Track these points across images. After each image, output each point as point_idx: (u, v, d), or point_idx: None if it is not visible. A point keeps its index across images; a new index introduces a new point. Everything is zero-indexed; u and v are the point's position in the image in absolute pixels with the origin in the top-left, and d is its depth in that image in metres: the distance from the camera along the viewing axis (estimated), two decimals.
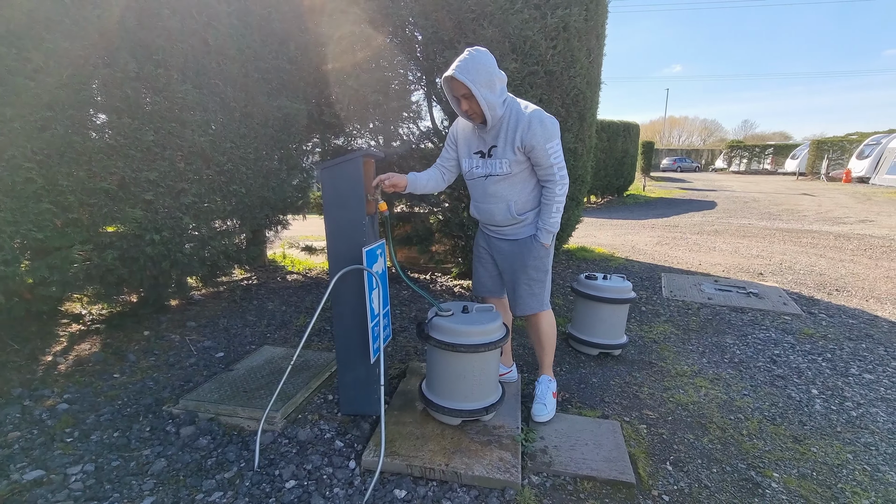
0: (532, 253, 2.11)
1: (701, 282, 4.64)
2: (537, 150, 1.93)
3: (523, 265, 2.13)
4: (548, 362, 2.29)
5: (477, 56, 1.84)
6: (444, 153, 2.23)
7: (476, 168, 2.09)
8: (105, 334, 2.79)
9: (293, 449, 1.87)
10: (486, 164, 2.05)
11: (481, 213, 2.18)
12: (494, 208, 2.09)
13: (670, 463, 1.92)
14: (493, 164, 2.03)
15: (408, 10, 3.47)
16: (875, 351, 3.08)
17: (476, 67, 1.82)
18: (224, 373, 2.37)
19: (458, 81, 1.83)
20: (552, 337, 2.27)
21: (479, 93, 1.82)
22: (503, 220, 2.10)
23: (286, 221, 4.01)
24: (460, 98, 1.90)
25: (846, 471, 1.90)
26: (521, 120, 1.91)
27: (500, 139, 1.97)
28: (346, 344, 2.06)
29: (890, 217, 9.88)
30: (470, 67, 1.82)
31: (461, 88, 1.85)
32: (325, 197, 1.95)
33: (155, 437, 1.92)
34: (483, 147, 2.04)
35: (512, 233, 2.15)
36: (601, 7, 3.71)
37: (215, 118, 2.77)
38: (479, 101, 1.83)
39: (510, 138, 1.94)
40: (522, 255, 2.14)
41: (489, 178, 2.05)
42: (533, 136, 1.89)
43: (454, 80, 1.85)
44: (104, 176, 2.24)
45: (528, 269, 2.12)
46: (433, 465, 1.77)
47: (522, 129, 1.90)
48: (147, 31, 2.35)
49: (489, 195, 2.08)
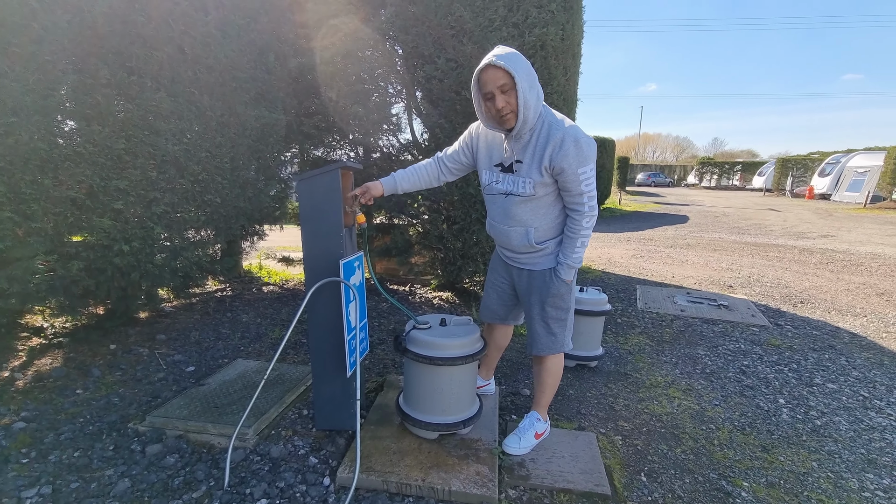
0: (551, 289, 1.87)
1: (674, 294, 4.76)
2: (567, 173, 1.69)
3: (541, 301, 1.91)
4: (544, 402, 2.07)
5: (517, 52, 1.65)
6: (454, 152, 1.99)
7: (496, 183, 1.86)
8: (68, 348, 2.67)
9: (265, 466, 1.82)
10: (508, 181, 1.81)
11: (497, 234, 1.95)
12: (512, 232, 1.87)
13: (644, 474, 1.94)
14: (515, 182, 1.79)
15: (388, 24, 3.51)
16: (837, 361, 3.20)
17: (517, 59, 1.62)
18: (194, 387, 2.29)
19: (500, 70, 1.58)
20: (556, 378, 2.05)
21: (521, 82, 1.59)
22: (519, 246, 1.88)
23: (262, 232, 3.94)
24: (496, 93, 1.63)
25: (812, 479, 1.96)
26: (554, 136, 1.67)
27: (528, 154, 1.73)
28: (322, 357, 2.02)
29: (849, 232, 10.35)
30: (511, 57, 1.61)
31: (501, 78, 1.60)
32: (301, 209, 1.93)
33: (119, 456, 1.84)
34: (505, 160, 1.81)
35: (528, 262, 1.92)
36: (577, 27, 3.82)
37: (190, 127, 2.72)
38: (518, 93, 1.60)
39: (538, 155, 1.71)
40: (540, 290, 1.90)
41: (510, 197, 1.82)
42: (565, 156, 1.66)
43: (492, 70, 1.60)
44: (71, 184, 2.16)
45: (545, 305, 1.90)
46: (409, 481, 1.74)
47: (554, 146, 1.67)
48: (120, 38, 2.30)
49: (508, 217, 1.85)
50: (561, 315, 1.92)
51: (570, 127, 1.68)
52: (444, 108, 3.49)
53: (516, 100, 1.62)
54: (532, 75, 1.65)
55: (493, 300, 2.15)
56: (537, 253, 1.88)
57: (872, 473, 2.01)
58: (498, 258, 2.10)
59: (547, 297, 1.89)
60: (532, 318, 1.96)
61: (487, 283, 2.18)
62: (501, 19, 3.22)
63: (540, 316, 1.93)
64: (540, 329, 1.94)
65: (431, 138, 3.76)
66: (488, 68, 1.61)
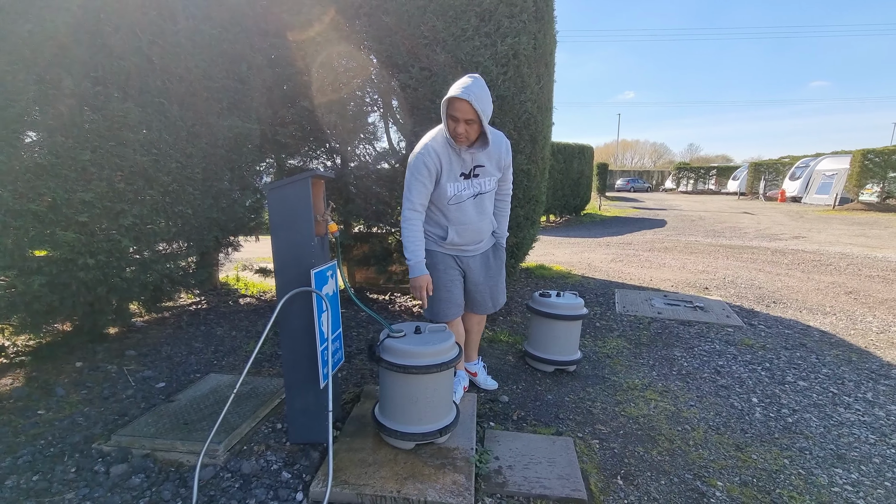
0: (501, 256, 2.43)
1: (652, 297, 4.83)
2: (509, 168, 2.25)
3: (500, 270, 2.43)
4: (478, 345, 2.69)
5: (481, 83, 1.94)
6: (422, 191, 2.09)
7: (463, 191, 2.15)
8: (31, 367, 2.57)
9: (236, 483, 1.77)
10: (474, 184, 2.15)
11: (467, 234, 2.23)
12: (483, 226, 2.25)
13: (621, 477, 1.95)
14: (481, 183, 2.15)
15: (363, 33, 3.52)
16: (808, 359, 3.28)
17: (484, 97, 1.92)
18: (164, 404, 2.23)
19: (469, 106, 1.88)
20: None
21: (484, 120, 1.94)
22: (486, 234, 2.30)
23: (237, 243, 3.88)
24: (460, 121, 1.94)
25: (783, 476, 1.99)
26: (501, 142, 2.15)
27: (485, 159, 2.12)
28: (295, 369, 1.99)
29: (819, 233, 10.69)
30: (481, 96, 1.90)
31: (468, 113, 1.91)
32: (271, 218, 1.91)
33: (81, 478, 1.76)
34: (465, 168, 2.12)
35: (485, 244, 2.35)
36: (549, 37, 3.89)
37: (160, 137, 2.67)
38: (483, 126, 1.97)
39: (494, 157, 2.14)
40: (499, 264, 2.43)
41: (479, 196, 2.18)
42: (508, 155, 2.20)
43: (464, 104, 1.89)
44: (32, 197, 2.10)
45: (502, 270, 2.44)
46: (384, 493, 1.71)
47: (504, 150, 2.16)
48: (84, 47, 2.26)
49: (479, 213, 2.21)
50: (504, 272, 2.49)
51: (502, 134, 2.19)
52: (420, 117, 3.50)
53: (477, 132, 2.00)
54: (490, 103, 1.98)
55: (457, 295, 2.33)
56: (489, 234, 2.35)
57: (841, 469, 2.06)
58: (447, 258, 2.29)
59: (502, 265, 2.44)
60: (497, 284, 2.43)
61: (445, 283, 2.28)
62: (474, 29, 3.25)
63: (497, 280, 2.43)
64: (500, 287, 2.46)
65: (408, 146, 3.77)
66: (462, 102, 1.89)
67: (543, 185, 4.43)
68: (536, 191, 4.07)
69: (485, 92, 1.94)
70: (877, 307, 4.60)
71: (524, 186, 3.79)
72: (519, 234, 3.93)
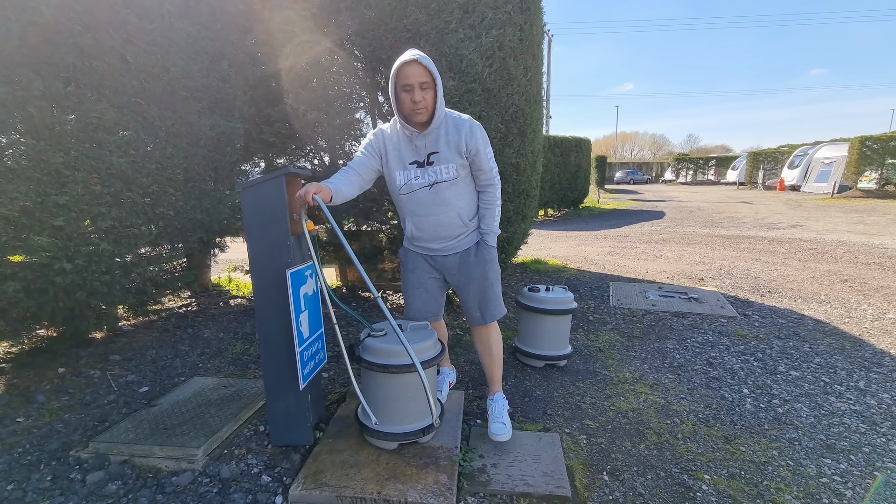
0: (488, 258, 2.08)
1: (646, 289, 4.80)
2: (480, 153, 1.93)
3: (484, 273, 2.08)
4: (499, 376, 2.22)
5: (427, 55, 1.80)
6: (364, 160, 1.98)
7: (415, 179, 1.95)
8: (11, 374, 2.54)
9: (214, 488, 1.74)
10: (428, 173, 1.93)
11: (425, 227, 2.02)
12: (444, 218, 1.99)
13: (607, 473, 1.92)
14: (437, 171, 1.93)
15: (346, 28, 3.47)
16: (801, 348, 3.25)
17: (432, 62, 1.78)
18: (145, 409, 2.20)
19: (422, 67, 1.74)
20: (501, 346, 2.23)
21: (439, 84, 1.79)
22: (453, 230, 2.02)
23: (223, 244, 3.84)
24: (415, 87, 1.76)
25: (771, 468, 1.96)
26: (462, 125, 1.89)
27: (441, 143, 1.90)
28: (275, 371, 1.96)
29: (817, 221, 10.64)
30: (430, 60, 1.78)
31: (423, 76, 1.76)
32: (245, 218, 1.87)
33: (56, 486, 1.74)
34: (419, 156, 1.93)
35: (458, 245, 2.07)
36: (536, 28, 3.83)
37: (137, 138, 2.63)
38: (437, 93, 1.79)
39: (453, 142, 1.89)
40: (481, 264, 2.08)
41: (436, 185, 1.94)
42: (476, 140, 1.90)
43: (416, 65, 1.74)
44: (3, 202, 2.06)
45: (489, 274, 2.09)
46: (364, 495, 1.69)
47: (466, 133, 1.88)
48: (54, 47, 2.21)
49: (437, 204, 1.97)
50: (497, 277, 2.13)
51: (469, 117, 1.95)
52: None
53: (433, 99, 1.81)
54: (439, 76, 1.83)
55: (425, 299, 2.15)
56: (466, 231, 2.06)
57: (830, 459, 2.03)
58: (418, 258, 2.14)
59: (489, 267, 2.09)
60: (484, 290, 2.10)
61: (411, 284, 2.16)
62: (457, 21, 3.20)
63: (483, 285, 2.09)
64: (491, 295, 2.11)
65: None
66: (413, 63, 1.75)
67: (535, 179, 4.39)
68: (527, 185, 4.03)
69: (431, 58, 1.81)
70: (872, 294, 4.57)
71: (513, 181, 3.75)
72: (509, 228, 3.89)
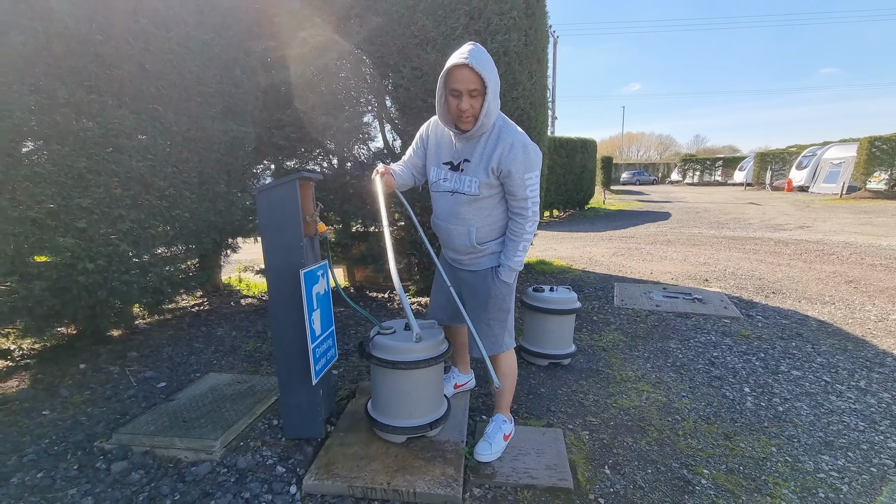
0: (492, 290, 1.90)
1: (651, 290, 4.84)
2: (514, 177, 1.71)
3: (483, 303, 1.93)
4: (505, 403, 2.09)
5: (485, 51, 1.63)
6: (413, 155, 1.98)
7: (443, 180, 1.86)
8: (36, 369, 2.65)
9: (232, 478, 1.83)
10: (455, 179, 1.82)
11: (440, 231, 1.96)
12: (454, 231, 1.87)
13: (608, 467, 1.98)
14: (461, 181, 1.80)
15: (355, 34, 3.55)
16: (803, 349, 3.29)
17: (489, 64, 1.61)
18: (163, 403, 2.29)
19: (473, 73, 1.56)
20: (512, 378, 2.09)
21: (489, 92, 1.60)
22: (461, 246, 1.89)
23: (235, 245, 3.94)
24: (463, 94, 1.61)
25: (770, 463, 2.02)
26: (504, 139, 1.70)
27: (476, 154, 1.75)
28: (288, 367, 2.04)
29: (825, 223, 10.59)
30: (485, 61, 1.59)
31: (473, 82, 1.58)
32: (261, 220, 1.96)
33: (83, 475, 1.83)
34: (454, 158, 1.82)
35: (469, 262, 1.95)
36: (541, 32, 3.90)
37: (155, 143, 2.73)
38: (485, 102, 1.61)
39: (486, 156, 1.72)
40: (482, 292, 1.93)
41: (455, 195, 1.82)
42: (513, 160, 1.69)
43: (466, 71, 1.57)
44: (31, 204, 2.16)
45: (488, 307, 1.92)
46: (375, 485, 1.76)
47: (502, 150, 1.69)
48: (78, 57, 2.31)
49: (452, 215, 1.86)
50: (501, 316, 1.95)
51: (521, 134, 1.73)
52: (412, 116, 3.53)
53: (481, 106, 1.63)
54: (498, 84, 1.66)
55: (440, 300, 2.15)
56: (477, 254, 1.90)
57: (828, 455, 2.07)
58: (444, 261, 2.11)
59: (490, 299, 1.92)
60: (475, 319, 1.93)
61: (434, 284, 2.19)
62: (463, 27, 3.28)
63: (483, 317, 1.94)
64: (481, 330, 1.93)
65: (403, 146, 3.81)
66: (464, 68, 1.57)
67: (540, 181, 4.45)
68: None
69: (489, 60, 1.61)
70: (877, 296, 4.58)
71: None
72: None
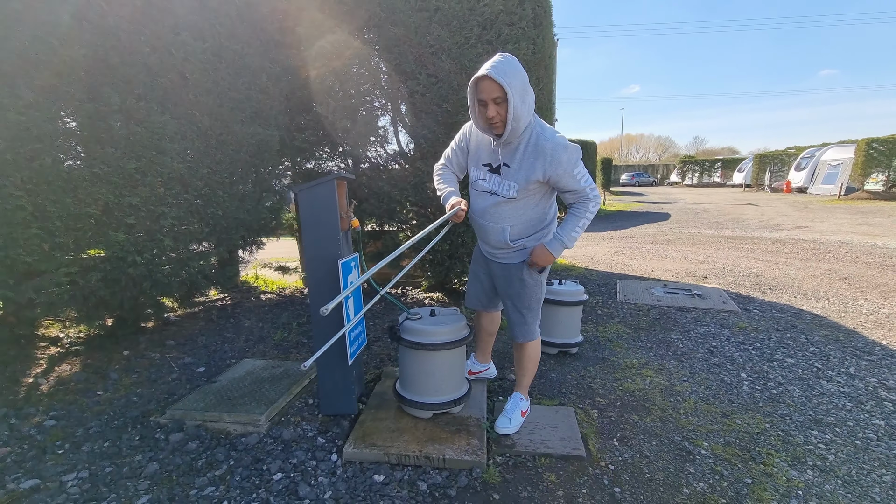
0: (524, 282, 2.06)
1: (652, 286, 5.04)
2: (566, 178, 1.84)
3: (516, 293, 2.09)
4: (525, 383, 2.29)
5: (513, 60, 1.73)
6: (454, 155, 2.11)
7: (482, 181, 1.98)
8: (84, 356, 2.86)
9: (279, 447, 2.04)
10: (494, 181, 1.94)
11: (476, 227, 2.12)
12: (490, 227, 2.02)
13: (617, 439, 2.19)
14: (500, 184, 1.91)
15: (372, 44, 3.77)
16: (797, 339, 3.49)
17: (513, 71, 1.70)
18: (207, 384, 2.49)
19: (494, 83, 1.68)
20: (535, 363, 2.27)
21: (513, 98, 1.69)
22: (496, 241, 2.03)
23: (261, 242, 4.15)
24: (489, 102, 1.73)
25: (764, 437, 2.22)
26: (544, 149, 1.80)
27: (516, 160, 1.86)
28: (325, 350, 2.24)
29: (822, 223, 10.80)
30: (507, 70, 1.69)
31: (495, 91, 1.70)
32: (302, 216, 2.16)
33: (145, 444, 2.04)
34: (493, 161, 1.93)
35: (504, 257, 2.08)
36: (548, 40, 4.11)
37: (193, 146, 2.94)
38: (510, 107, 1.70)
39: (527, 165, 1.83)
40: (515, 283, 2.07)
41: (493, 196, 1.95)
42: (559, 165, 1.80)
43: (487, 81, 1.69)
44: (89, 202, 2.37)
45: (522, 298, 2.09)
46: (408, 453, 1.97)
47: (546, 161, 1.80)
48: (129, 67, 2.52)
49: (488, 213, 2.00)
50: (533, 306, 2.14)
51: (556, 136, 1.83)
52: (427, 120, 3.74)
53: (507, 112, 1.73)
54: (525, 88, 1.75)
55: (476, 288, 2.34)
56: (510, 249, 2.04)
57: (817, 430, 2.28)
58: (479, 251, 2.27)
59: (522, 290, 2.08)
60: (508, 308, 2.18)
61: (471, 272, 2.37)
62: (476, 37, 3.49)
63: (515, 306, 2.14)
64: (515, 317, 2.15)
65: (416, 148, 4.02)
66: (485, 79, 1.70)
67: None
68: None
69: (514, 68, 1.71)
70: (869, 291, 4.78)
71: None
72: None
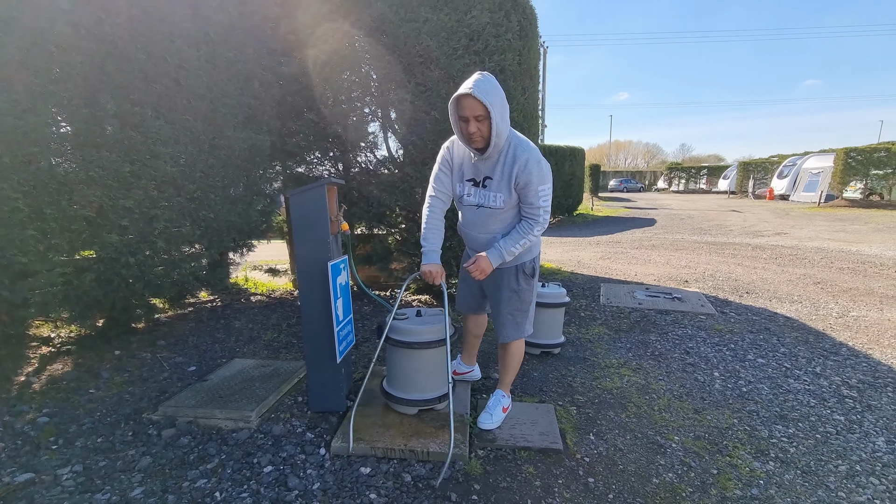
0: (513, 286, 2.17)
1: (634, 290, 5.19)
2: (530, 188, 1.93)
3: (507, 296, 2.20)
4: (507, 381, 2.36)
5: (492, 79, 1.84)
6: (439, 178, 2.14)
7: (468, 196, 2.08)
8: (76, 355, 2.90)
9: (269, 442, 2.11)
10: (479, 195, 2.04)
11: (467, 238, 2.22)
12: (481, 237, 2.12)
13: (593, 434, 2.30)
14: (486, 196, 2.01)
15: (363, 52, 3.87)
16: (769, 341, 3.65)
17: (494, 90, 1.81)
18: (198, 383, 2.56)
19: (476, 101, 1.78)
20: (518, 361, 2.36)
21: (495, 115, 1.80)
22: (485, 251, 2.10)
23: (252, 244, 4.21)
24: (470, 119, 1.83)
25: (731, 432, 2.35)
26: (519, 158, 1.91)
27: (497, 172, 1.96)
28: (315, 347, 2.33)
29: (802, 230, 11.11)
30: (488, 89, 1.79)
31: (477, 109, 1.80)
32: (293, 219, 2.25)
33: (138, 439, 2.10)
34: (476, 175, 2.03)
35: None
36: (533, 51, 4.26)
37: (186, 150, 3.01)
38: (492, 124, 1.81)
39: (507, 173, 1.94)
40: (506, 287, 2.18)
41: (481, 208, 2.05)
42: (529, 173, 1.91)
43: (470, 100, 1.79)
44: (84, 204, 2.43)
45: (511, 300, 2.20)
46: (394, 446, 2.06)
47: (520, 166, 1.91)
48: (125, 74, 2.59)
49: (479, 225, 2.10)
50: (524, 307, 2.25)
51: (534, 150, 1.96)
52: (416, 127, 3.85)
53: (489, 129, 1.85)
54: (505, 106, 1.88)
55: (466, 293, 2.46)
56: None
57: (781, 425, 2.41)
58: (467, 256, 2.35)
59: (512, 293, 2.20)
60: (499, 311, 2.26)
61: (460, 277, 2.49)
62: (464, 48, 3.61)
63: (507, 309, 2.23)
64: (506, 319, 2.24)
65: (405, 154, 4.12)
66: (468, 97, 1.80)
67: None
68: None
69: (493, 87, 1.83)
70: (840, 295, 4.98)
71: None
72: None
